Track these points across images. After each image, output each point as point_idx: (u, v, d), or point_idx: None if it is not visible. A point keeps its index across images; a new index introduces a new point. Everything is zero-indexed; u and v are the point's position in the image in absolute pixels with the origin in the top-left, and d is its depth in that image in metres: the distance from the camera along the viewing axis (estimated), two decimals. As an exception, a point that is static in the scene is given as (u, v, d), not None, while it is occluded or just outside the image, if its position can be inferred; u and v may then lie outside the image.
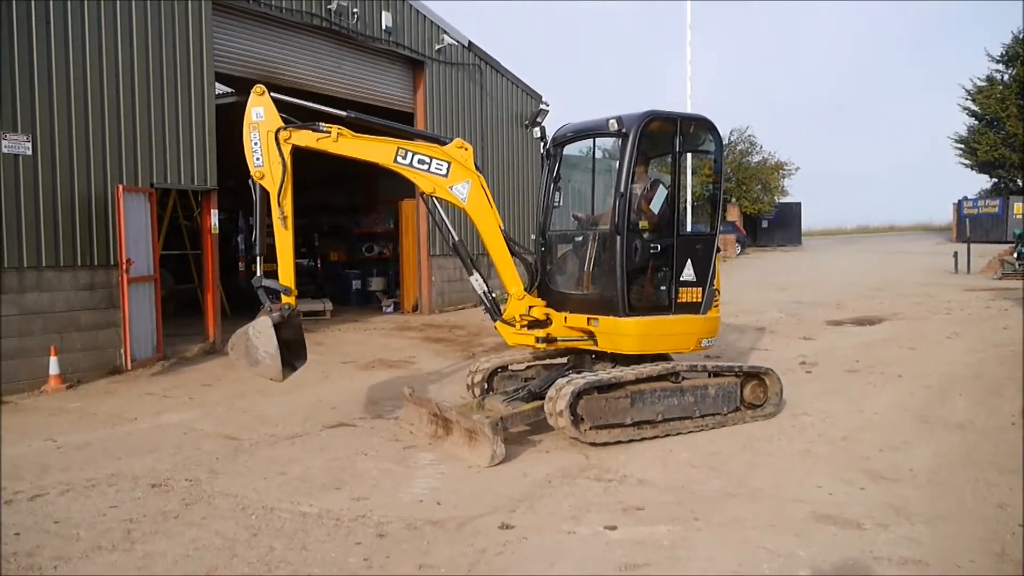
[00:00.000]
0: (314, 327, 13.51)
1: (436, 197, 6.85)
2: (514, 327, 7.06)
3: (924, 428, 7.01)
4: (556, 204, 7.58)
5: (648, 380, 6.71)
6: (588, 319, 6.95)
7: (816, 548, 4.48)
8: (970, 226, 29.29)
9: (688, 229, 9.32)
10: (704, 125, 7.41)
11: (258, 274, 6.40)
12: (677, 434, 6.75)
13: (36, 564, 4.41)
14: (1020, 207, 33.63)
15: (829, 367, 9.73)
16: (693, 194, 19.42)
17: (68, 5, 9.42)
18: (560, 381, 6.42)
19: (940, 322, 13.18)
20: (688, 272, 7.04)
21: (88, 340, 9.63)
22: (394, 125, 7.22)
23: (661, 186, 7.25)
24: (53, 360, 9.07)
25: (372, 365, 10.56)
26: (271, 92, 6.41)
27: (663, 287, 7.02)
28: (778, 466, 6.04)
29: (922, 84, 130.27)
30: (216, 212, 11.53)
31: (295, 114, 6.56)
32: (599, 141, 7.40)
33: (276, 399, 8.38)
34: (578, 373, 6.80)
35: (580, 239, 7.36)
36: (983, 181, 41.02)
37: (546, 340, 7.06)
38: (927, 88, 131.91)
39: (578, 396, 6.26)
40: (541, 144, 7.57)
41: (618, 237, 6.73)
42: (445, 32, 15.99)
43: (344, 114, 6.76)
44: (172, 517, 5.08)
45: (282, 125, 6.31)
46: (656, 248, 6.89)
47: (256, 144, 6.28)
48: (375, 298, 18.06)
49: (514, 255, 7.02)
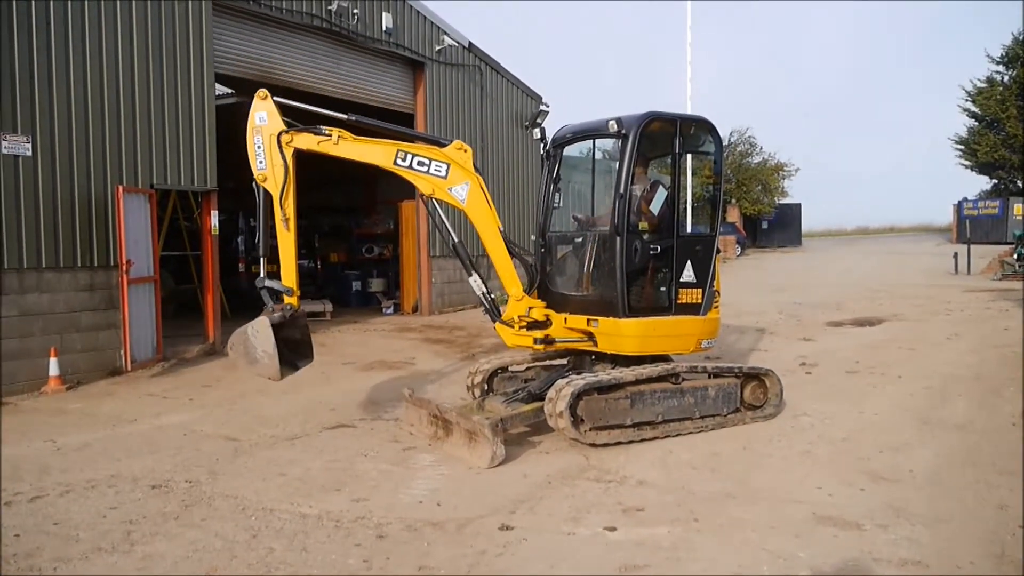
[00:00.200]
0: (314, 328, 13.31)
1: (435, 199, 6.85)
2: (513, 328, 7.05)
3: (924, 429, 7.00)
4: (556, 205, 7.58)
5: (648, 381, 6.71)
6: (588, 320, 6.95)
7: (816, 549, 4.48)
8: (970, 227, 29.23)
9: (688, 230, 9.31)
10: (704, 126, 7.42)
11: (261, 275, 6.44)
12: (677, 435, 6.75)
13: (36, 565, 4.41)
14: (1020, 208, 33.68)
15: (829, 368, 9.73)
16: (693, 195, 19.44)
17: (68, 5, 9.43)
18: (560, 382, 6.41)
19: (940, 323, 13.19)
20: (688, 273, 7.04)
21: (88, 341, 9.63)
22: (394, 127, 7.22)
23: (661, 187, 7.25)
24: (53, 361, 9.07)
25: (372, 366, 10.56)
26: (271, 93, 6.44)
27: (663, 288, 7.03)
28: (778, 467, 6.04)
29: (922, 84, 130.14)
30: (216, 213, 11.53)
31: (296, 116, 6.58)
32: (599, 142, 7.42)
33: (276, 400, 8.38)
34: (578, 374, 6.80)
35: (580, 240, 7.36)
36: (983, 182, 41.19)
37: (545, 341, 7.05)
38: (927, 88, 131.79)
39: (578, 397, 6.26)
40: (541, 145, 7.58)
41: (618, 238, 6.73)
42: (445, 33, 16.00)
43: (345, 117, 6.76)
44: (172, 518, 5.08)
45: (284, 129, 6.35)
46: (656, 249, 6.89)
47: (259, 147, 6.34)
48: (375, 299, 18.05)
49: (513, 256, 7.01)
